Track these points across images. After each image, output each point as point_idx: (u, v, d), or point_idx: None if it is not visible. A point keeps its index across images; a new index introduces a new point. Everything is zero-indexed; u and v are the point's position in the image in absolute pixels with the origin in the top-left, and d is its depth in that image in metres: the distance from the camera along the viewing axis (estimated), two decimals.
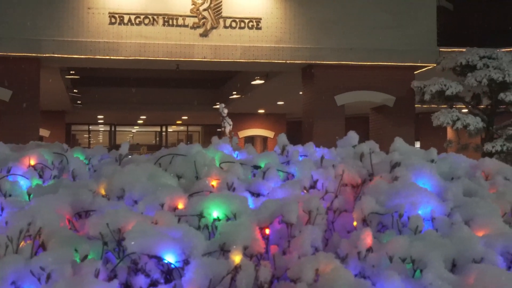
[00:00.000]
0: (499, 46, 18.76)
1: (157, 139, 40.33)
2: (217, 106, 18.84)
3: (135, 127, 41.30)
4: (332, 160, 3.39)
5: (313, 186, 3.08)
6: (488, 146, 17.21)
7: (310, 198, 2.77)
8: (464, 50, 18.07)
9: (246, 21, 18.10)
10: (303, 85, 19.65)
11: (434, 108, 19.22)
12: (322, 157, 3.32)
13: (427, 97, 17.87)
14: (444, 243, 2.57)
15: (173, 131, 40.15)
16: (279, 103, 27.76)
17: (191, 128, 38.93)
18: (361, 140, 3.75)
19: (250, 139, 32.43)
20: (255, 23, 18.16)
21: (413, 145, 19.05)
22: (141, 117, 35.11)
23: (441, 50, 19.03)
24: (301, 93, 20.05)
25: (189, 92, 30.98)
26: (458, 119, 17.18)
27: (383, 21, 18.63)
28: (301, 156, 3.53)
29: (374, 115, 20.37)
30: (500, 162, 3.44)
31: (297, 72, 19.54)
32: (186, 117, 34.68)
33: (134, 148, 35.88)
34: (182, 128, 39.48)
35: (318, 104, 18.62)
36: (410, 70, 19.07)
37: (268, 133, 31.51)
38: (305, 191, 3.02)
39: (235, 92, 26.97)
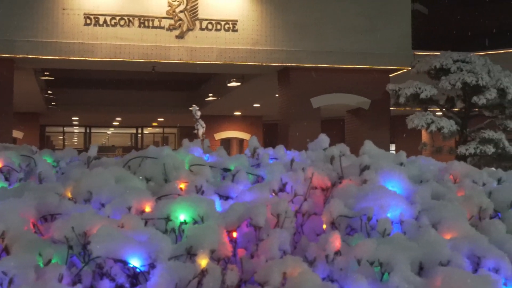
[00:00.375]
0: (472, 50, 18.98)
1: (133, 141, 40.12)
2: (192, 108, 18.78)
3: (110, 128, 41.04)
4: (302, 163, 3.38)
5: (282, 189, 3.06)
6: (461, 149, 17.39)
7: (278, 201, 2.76)
8: (438, 53, 18.24)
9: (222, 23, 18.08)
10: (279, 87, 19.67)
11: (409, 111, 19.38)
12: (292, 160, 3.31)
13: (402, 100, 18.00)
14: (411, 246, 2.57)
15: (149, 133, 39.96)
16: (255, 105, 27.76)
17: (167, 130, 38.79)
18: (337, 143, 3.74)
19: (227, 141, 32.41)
20: (231, 25, 18.15)
21: (388, 148, 19.26)
22: (117, 118, 34.90)
23: (415, 54, 19.19)
24: (277, 95, 20.07)
25: (165, 94, 30.87)
26: (433, 122, 17.33)
27: (359, 25, 18.74)
28: (271, 159, 3.52)
29: (350, 118, 20.45)
30: (468, 165, 3.46)
31: (273, 74, 19.56)
32: (162, 119, 34.55)
33: (110, 150, 35.64)
34: (158, 130, 39.32)
35: (294, 106, 18.65)
36: (385, 73, 19.20)
37: (245, 135, 31.50)
38: (274, 194, 3.01)
39: (211, 94, 26.92)
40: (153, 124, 37.27)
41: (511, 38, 25.67)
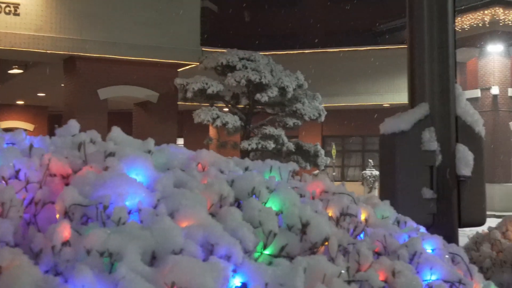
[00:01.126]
0: (257, 49, 19.76)
1: None
2: None
3: None
4: (43, 149, 3.16)
5: (16, 176, 2.82)
6: (245, 144, 18.02)
7: (3, 189, 2.53)
8: (225, 51, 18.72)
9: (3, 5, 16.99)
10: (65, 77, 18.95)
11: (197, 105, 19.69)
12: (31, 146, 3.07)
13: (189, 94, 18.25)
14: (145, 235, 2.49)
15: None
16: (40, 94, 26.47)
17: None
18: None
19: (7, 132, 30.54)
20: (12, 9, 17.10)
21: (175, 141, 19.36)
22: None
23: (204, 50, 19.54)
24: (63, 85, 19.30)
25: None
26: (218, 117, 17.76)
27: (148, 18, 18.64)
28: (7, 143, 3.24)
29: (138, 111, 20.28)
30: (216, 154, 3.47)
31: (59, 63, 18.77)
32: None
33: None
34: None
35: (80, 97, 18.11)
36: (174, 68, 19.31)
37: (28, 126, 29.82)
38: (3, 182, 2.76)
39: None
40: None
41: (293, 41, 27.20)
